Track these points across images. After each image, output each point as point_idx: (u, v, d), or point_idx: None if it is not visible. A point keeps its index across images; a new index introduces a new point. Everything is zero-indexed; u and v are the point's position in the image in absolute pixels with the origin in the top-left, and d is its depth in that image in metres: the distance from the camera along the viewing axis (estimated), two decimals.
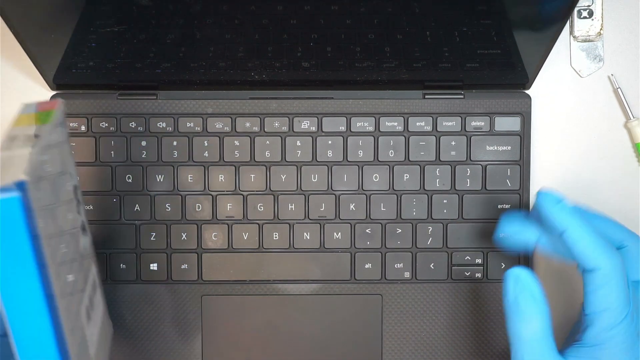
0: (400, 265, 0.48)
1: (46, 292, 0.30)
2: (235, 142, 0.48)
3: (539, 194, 0.39)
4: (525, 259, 0.48)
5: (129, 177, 0.48)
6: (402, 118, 0.48)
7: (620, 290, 0.36)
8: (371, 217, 0.48)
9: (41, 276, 0.30)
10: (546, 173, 0.50)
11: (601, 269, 0.37)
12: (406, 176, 0.48)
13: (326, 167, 0.48)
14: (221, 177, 0.48)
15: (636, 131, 0.49)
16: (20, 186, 0.28)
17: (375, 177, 0.48)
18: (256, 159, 0.48)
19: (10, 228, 0.28)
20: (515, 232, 0.42)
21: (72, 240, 0.36)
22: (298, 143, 0.48)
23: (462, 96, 0.48)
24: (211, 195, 0.48)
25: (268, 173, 0.48)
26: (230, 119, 0.48)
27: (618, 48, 0.50)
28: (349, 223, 0.48)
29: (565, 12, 0.42)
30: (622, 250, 0.40)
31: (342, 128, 0.48)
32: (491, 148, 0.48)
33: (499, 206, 0.48)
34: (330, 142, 0.48)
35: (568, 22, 0.49)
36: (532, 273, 0.38)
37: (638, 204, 0.50)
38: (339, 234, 0.48)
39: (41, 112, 0.33)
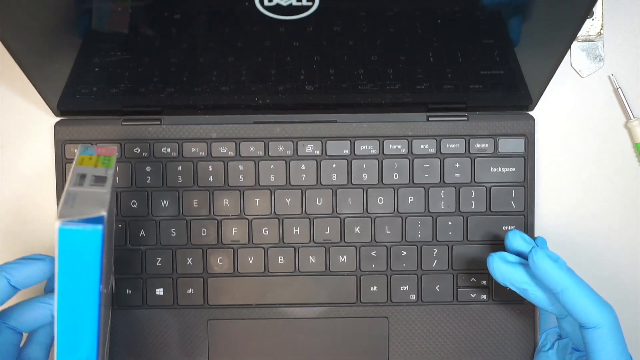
0: (405, 288, 0.48)
1: (98, 316, 0.34)
2: (240, 166, 0.48)
3: (532, 252, 0.39)
4: None
5: (134, 203, 0.48)
6: (406, 141, 0.48)
7: (620, 343, 0.38)
8: (376, 240, 0.48)
9: (99, 296, 0.34)
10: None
11: (603, 327, 0.38)
12: (411, 199, 0.48)
13: (331, 190, 0.48)
14: (226, 201, 0.48)
15: (636, 131, 0.49)
16: (101, 220, 0.32)
17: (380, 200, 0.48)
18: (261, 183, 0.48)
19: (89, 255, 0.32)
20: (505, 276, 0.41)
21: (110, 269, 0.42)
22: (302, 167, 0.48)
23: (465, 118, 0.48)
24: (216, 219, 0.48)
25: (273, 197, 0.48)
26: (234, 144, 0.48)
27: (618, 48, 0.50)
28: (354, 246, 0.48)
29: (569, 35, 0.42)
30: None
31: (346, 151, 0.48)
32: (495, 170, 0.48)
33: (504, 227, 0.48)
34: (334, 165, 0.48)
35: None
36: None
37: (638, 204, 0.50)
38: (344, 257, 0.48)
39: (104, 156, 0.38)
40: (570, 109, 0.50)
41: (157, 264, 0.48)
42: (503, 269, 0.40)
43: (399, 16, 0.41)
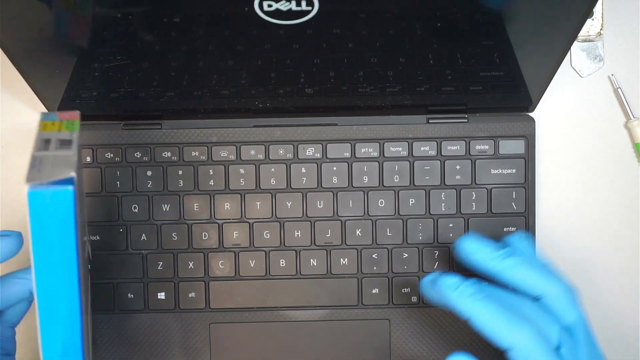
0: (407, 290, 0.48)
1: (78, 282, 0.33)
2: (241, 170, 0.48)
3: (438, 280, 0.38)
4: None
5: (135, 207, 0.48)
6: (407, 143, 0.48)
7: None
8: (377, 242, 0.48)
9: (77, 261, 0.33)
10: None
11: (514, 348, 0.36)
12: (411, 201, 0.48)
13: (331, 193, 0.48)
14: (227, 205, 0.48)
15: (636, 131, 0.49)
16: (71, 181, 0.32)
17: (381, 203, 0.48)
18: (261, 187, 0.48)
19: (62, 217, 0.32)
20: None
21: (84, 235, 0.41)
22: (303, 170, 0.48)
23: (465, 120, 0.48)
24: (217, 223, 0.48)
25: (274, 200, 0.48)
26: (235, 147, 0.48)
27: (618, 48, 0.50)
28: (355, 249, 0.48)
29: (569, 36, 0.42)
30: (542, 300, 0.39)
31: (347, 154, 0.48)
32: (496, 171, 0.48)
33: (505, 229, 0.48)
34: (335, 168, 0.48)
35: None
36: None
37: (638, 204, 0.50)
38: (346, 259, 0.48)
39: (67, 121, 0.37)
40: (570, 110, 0.50)
41: (159, 268, 0.48)
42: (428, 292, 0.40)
43: (398, 19, 0.41)
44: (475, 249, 0.40)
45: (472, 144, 0.48)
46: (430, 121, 0.48)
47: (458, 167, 0.48)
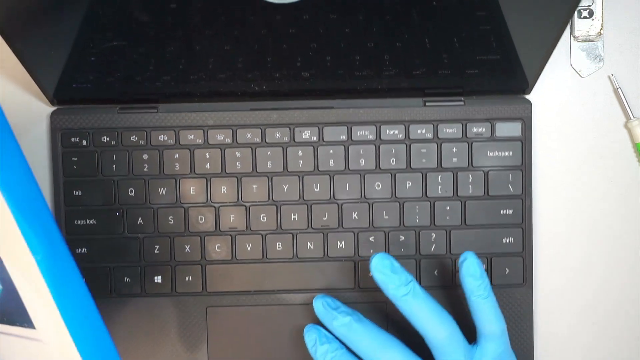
0: None
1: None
2: (237, 153, 0.48)
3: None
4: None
5: (131, 191, 0.48)
6: (403, 126, 0.48)
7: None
8: (374, 225, 0.48)
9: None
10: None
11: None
12: (408, 184, 0.48)
13: (328, 176, 0.48)
14: (223, 188, 0.48)
15: (636, 131, 0.49)
16: None
17: (378, 186, 0.48)
18: (258, 170, 0.48)
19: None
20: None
21: None
22: (299, 153, 0.48)
23: (462, 103, 0.48)
24: (214, 206, 0.48)
25: (270, 184, 0.48)
26: (231, 131, 0.48)
27: (618, 48, 0.50)
28: (352, 232, 0.48)
29: (564, 17, 0.42)
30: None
31: (343, 137, 0.48)
32: (492, 154, 0.48)
33: (502, 212, 0.48)
34: (331, 151, 0.48)
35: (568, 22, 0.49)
36: None
37: (638, 204, 0.50)
38: (342, 242, 0.48)
39: None
40: (570, 109, 0.50)
41: (155, 251, 0.48)
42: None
43: (395, 1, 0.41)
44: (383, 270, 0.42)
45: (469, 126, 0.48)
46: (426, 104, 0.48)
47: (455, 149, 0.48)
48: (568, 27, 0.49)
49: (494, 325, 0.42)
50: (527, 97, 0.49)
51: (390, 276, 0.41)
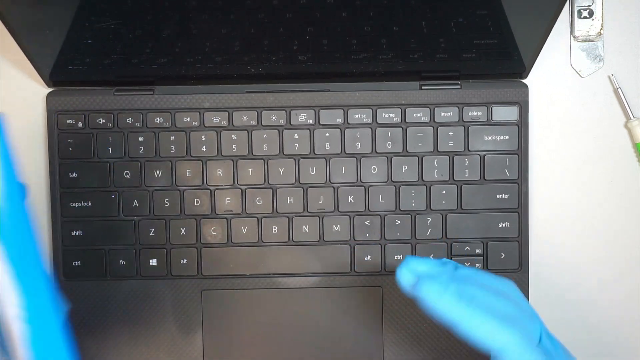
0: (400, 257, 0.48)
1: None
2: (233, 136, 0.48)
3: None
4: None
5: (126, 173, 0.48)
6: (400, 109, 0.48)
7: None
8: (370, 209, 0.48)
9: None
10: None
11: (506, 349, 0.35)
12: (404, 167, 0.48)
13: (324, 159, 0.48)
14: (219, 171, 0.48)
15: (636, 131, 0.49)
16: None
17: (374, 169, 0.48)
18: (254, 153, 0.48)
19: None
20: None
21: None
22: (295, 136, 0.48)
23: (459, 86, 0.48)
24: (209, 189, 0.48)
25: (266, 167, 0.48)
26: (227, 113, 0.48)
27: (618, 48, 0.50)
28: (347, 215, 0.48)
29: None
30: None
31: (340, 120, 0.48)
32: (489, 138, 0.48)
33: (498, 196, 0.48)
34: (327, 134, 0.48)
35: (568, 22, 0.49)
36: None
37: (638, 204, 0.50)
38: (338, 226, 0.48)
39: None
40: (570, 109, 0.50)
41: (151, 234, 0.48)
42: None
43: None
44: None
45: (465, 110, 0.48)
46: (423, 87, 0.48)
47: (451, 133, 0.48)
48: (568, 27, 0.49)
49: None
50: (524, 81, 0.49)
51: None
